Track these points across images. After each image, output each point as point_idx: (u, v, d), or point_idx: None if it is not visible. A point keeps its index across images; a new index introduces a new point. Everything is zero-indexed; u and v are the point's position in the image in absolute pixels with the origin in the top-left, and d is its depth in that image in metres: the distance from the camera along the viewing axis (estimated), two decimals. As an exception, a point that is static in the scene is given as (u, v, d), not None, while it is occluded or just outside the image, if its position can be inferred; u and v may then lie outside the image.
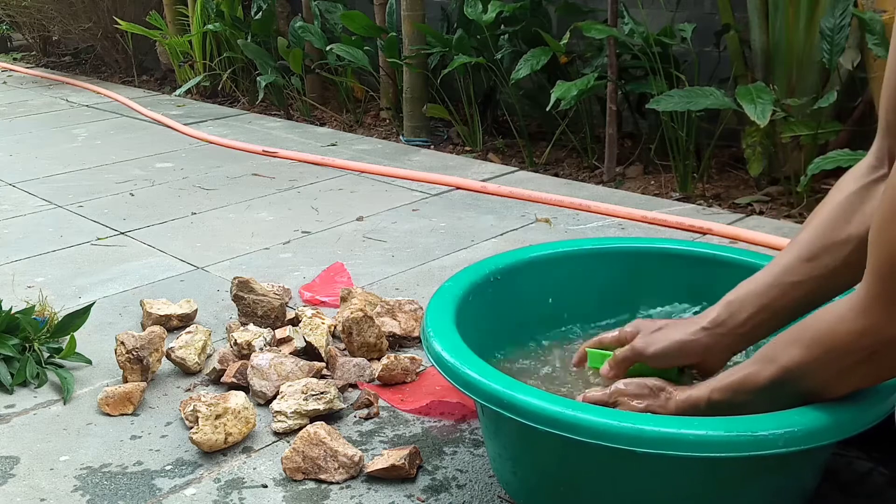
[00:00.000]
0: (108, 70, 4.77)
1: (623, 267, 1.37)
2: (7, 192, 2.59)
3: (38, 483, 1.20)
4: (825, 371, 0.89)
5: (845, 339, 0.85)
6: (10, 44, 5.85)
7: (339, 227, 2.21)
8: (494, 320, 1.28)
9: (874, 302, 0.83)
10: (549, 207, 2.31)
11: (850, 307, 0.85)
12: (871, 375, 0.89)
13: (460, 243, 2.07)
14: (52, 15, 4.66)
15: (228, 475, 1.21)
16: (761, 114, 2.03)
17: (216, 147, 3.07)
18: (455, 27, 3.04)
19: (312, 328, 1.50)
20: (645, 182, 2.57)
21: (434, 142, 3.12)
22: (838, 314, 0.86)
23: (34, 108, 3.85)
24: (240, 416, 1.26)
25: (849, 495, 1.12)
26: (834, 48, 2.10)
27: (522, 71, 2.54)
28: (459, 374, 1.02)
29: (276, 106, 3.67)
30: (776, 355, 0.93)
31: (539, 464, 1.04)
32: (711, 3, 2.66)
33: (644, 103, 2.55)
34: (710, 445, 0.88)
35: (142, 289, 1.85)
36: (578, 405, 0.95)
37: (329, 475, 1.18)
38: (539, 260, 1.36)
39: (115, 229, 2.24)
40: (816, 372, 0.90)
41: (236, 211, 2.36)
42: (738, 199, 2.36)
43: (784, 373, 0.92)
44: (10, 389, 1.44)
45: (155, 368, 1.45)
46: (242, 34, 3.68)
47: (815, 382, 0.91)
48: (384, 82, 3.40)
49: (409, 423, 1.32)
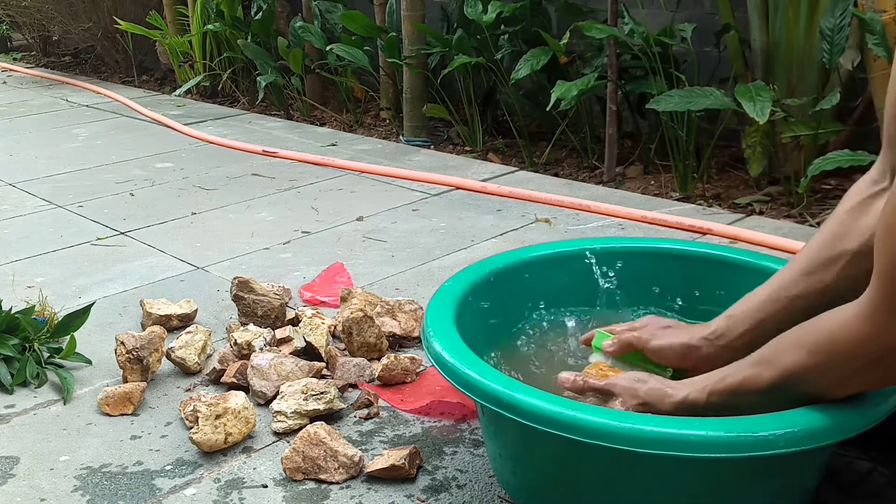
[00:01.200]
0: (108, 70, 4.78)
1: (623, 267, 1.37)
2: (7, 192, 2.59)
3: (38, 483, 1.20)
4: (828, 375, 0.89)
5: (849, 344, 0.85)
6: (10, 44, 5.85)
7: (339, 227, 2.21)
8: (494, 320, 1.28)
9: (879, 308, 0.83)
10: (549, 207, 2.30)
11: (854, 313, 0.85)
12: (874, 380, 0.89)
13: (460, 243, 2.07)
14: (52, 15, 4.66)
15: (228, 475, 1.21)
16: (760, 112, 2.03)
17: (216, 147, 3.07)
18: (455, 27, 3.04)
19: (312, 328, 1.50)
20: (645, 182, 2.57)
21: (434, 142, 3.12)
22: (843, 320, 0.86)
23: (34, 108, 3.85)
24: (240, 416, 1.26)
25: (849, 495, 1.12)
26: (834, 48, 2.10)
27: (522, 71, 2.54)
28: (459, 374, 1.02)
29: (276, 106, 3.68)
30: (777, 358, 0.93)
31: (539, 464, 1.04)
32: (711, 3, 2.66)
33: (644, 103, 2.55)
34: (710, 446, 0.88)
35: (142, 289, 1.85)
36: (578, 405, 0.95)
37: (329, 475, 1.18)
38: (539, 260, 1.36)
39: (115, 229, 2.24)
40: (819, 376, 0.90)
41: (236, 211, 2.36)
42: (738, 199, 2.36)
43: (786, 376, 0.92)
44: (10, 389, 1.44)
45: (155, 368, 1.45)
46: (242, 34, 3.68)
47: (817, 386, 0.91)
48: (384, 82, 3.40)
49: (409, 423, 1.32)
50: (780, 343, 0.94)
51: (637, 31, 2.44)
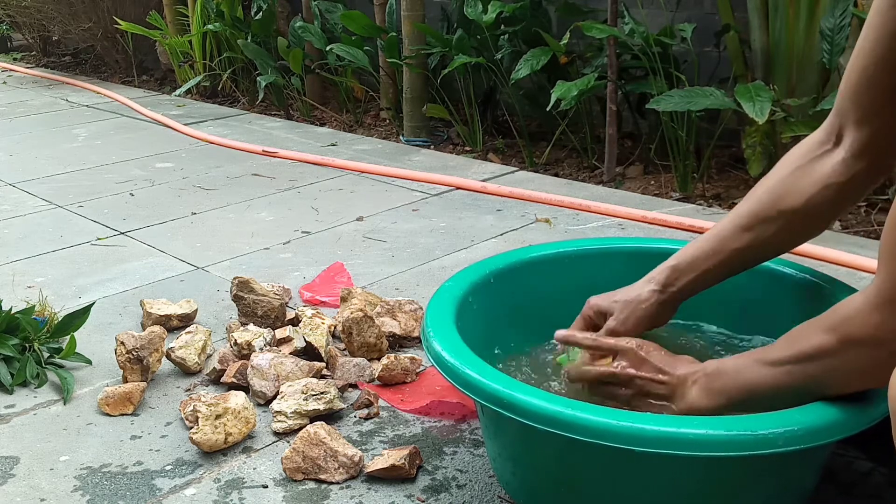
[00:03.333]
0: (108, 70, 4.78)
1: (623, 267, 1.37)
2: (7, 192, 2.59)
3: (38, 483, 1.20)
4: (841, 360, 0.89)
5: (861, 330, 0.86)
6: (10, 44, 5.85)
7: (339, 227, 2.21)
8: (494, 320, 1.28)
9: (886, 300, 0.84)
10: (549, 207, 2.31)
11: (865, 300, 0.86)
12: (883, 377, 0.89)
13: (460, 243, 2.07)
14: (52, 15, 4.66)
15: (228, 475, 1.21)
16: (760, 111, 2.03)
17: (216, 147, 3.07)
18: (455, 27, 3.04)
19: (312, 328, 1.50)
20: (645, 182, 2.58)
21: (434, 142, 3.12)
22: (855, 305, 0.87)
23: (34, 108, 3.85)
24: (240, 416, 1.26)
25: (849, 495, 1.12)
26: (834, 48, 2.10)
27: (522, 71, 2.54)
28: (459, 375, 1.02)
29: (276, 106, 3.68)
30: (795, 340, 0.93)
31: (539, 464, 1.04)
32: (711, 3, 2.66)
33: (644, 103, 2.55)
34: (710, 445, 0.88)
35: (142, 289, 1.85)
36: (579, 405, 0.94)
37: (329, 475, 1.18)
38: (539, 260, 1.36)
39: (115, 229, 2.24)
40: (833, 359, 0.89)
41: (236, 211, 2.36)
42: (738, 199, 2.36)
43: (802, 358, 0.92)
44: (10, 389, 1.44)
45: (155, 368, 1.45)
46: (242, 34, 3.68)
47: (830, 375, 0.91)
48: (384, 82, 3.40)
49: (409, 423, 1.32)
50: (798, 328, 0.94)
51: (637, 31, 2.44)
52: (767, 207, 1.08)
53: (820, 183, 1.04)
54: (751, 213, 1.09)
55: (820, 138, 1.06)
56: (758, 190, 1.11)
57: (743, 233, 1.10)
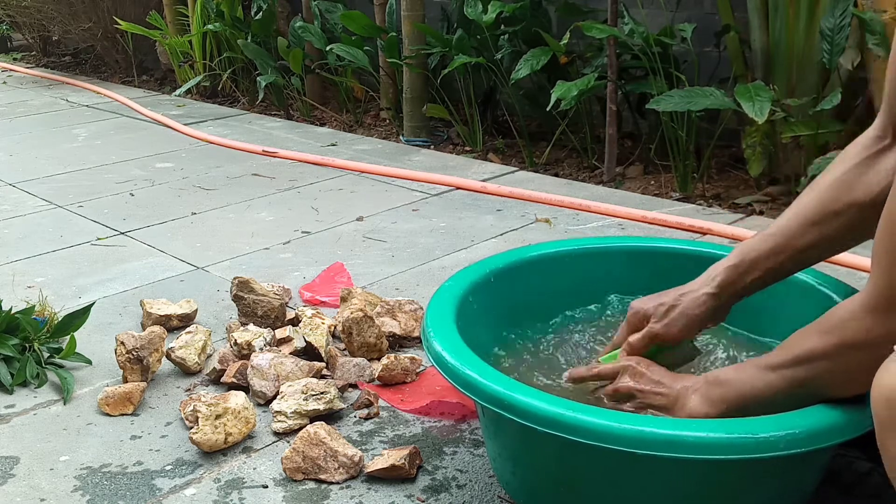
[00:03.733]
0: (108, 70, 4.77)
1: (623, 266, 1.37)
2: (7, 192, 2.59)
3: (38, 483, 1.20)
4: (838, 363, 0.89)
5: (856, 333, 0.86)
6: (10, 44, 5.85)
7: (339, 227, 2.21)
8: (494, 320, 1.28)
9: (879, 304, 0.83)
10: (549, 207, 2.30)
11: (860, 303, 0.86)
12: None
13: (460, 243, 2.07)
14: (52, 15, 4.66)
15: (228, 475, 1.21)
16: (759, 111, 2.03)
17: (216, 147, 3.07)
18: (455, 27, 3.04)
19: (312, 328, 1.50)
20: (645, 182, 2.57)
21: (434, 142, 3.12)
22: (850, 308, 0.87)
23: (34, 108, 3.85)
24: (240, 416, 1.26)
25: (849, 496, 1.12)
26: (834, 48, 2.10)
27: (522, 71, 2.54)
28: (460, 375, 1.02)
29: (276, 106, 3.67)
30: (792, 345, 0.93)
31: (539, 464, 1.04)
32: (711, 3, 2.66)
33: (644, 103, 2.55)
34: (710, 448, 0.88)
35: (142, 289, 1.85)
36: (579, 406, 0.94)
37: (329, 475, 1.18)
38: (539, 259, 1.36)
39: (115, 229, 2.24)
40: (830, 362, 0.90)
41: (236, 211, 2.36)
42: (738, 199, 2.36)
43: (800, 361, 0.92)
44: (10, 389, 1.44)
45: (155, 368, 1.45)
46: (242, 34, 3.68)
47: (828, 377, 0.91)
48: (384, 82, 3.40)
49: (409, 423, 1.32)
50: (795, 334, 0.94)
51: (637, 31, 2.44)
52: (834, 201, 1.05)
53: (886, 176, 1.02)
54: (818, 207, 1.06)
55: (875, 135, 1.05)
56: (819, 185, 1.08)
57: (811, 227, 1.06)
